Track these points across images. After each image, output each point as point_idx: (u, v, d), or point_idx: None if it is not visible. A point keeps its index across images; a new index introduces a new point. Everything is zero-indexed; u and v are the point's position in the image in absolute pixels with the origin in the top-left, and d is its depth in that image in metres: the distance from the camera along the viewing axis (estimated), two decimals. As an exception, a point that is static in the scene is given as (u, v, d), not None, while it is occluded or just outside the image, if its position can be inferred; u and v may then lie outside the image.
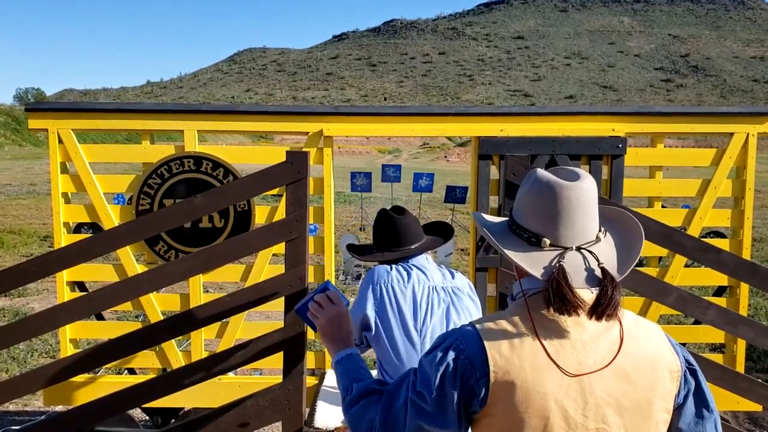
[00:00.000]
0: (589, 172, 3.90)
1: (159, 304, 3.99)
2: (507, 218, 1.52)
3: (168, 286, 3.18)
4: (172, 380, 3.05)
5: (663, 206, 4.20)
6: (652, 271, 3.93)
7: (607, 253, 1.42)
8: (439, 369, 1.35)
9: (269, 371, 4.54)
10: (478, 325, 1.39)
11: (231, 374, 4.01)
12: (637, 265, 4.67)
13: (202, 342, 4.05)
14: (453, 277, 2.55)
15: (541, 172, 1.43)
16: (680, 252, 3.47)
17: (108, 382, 4.00)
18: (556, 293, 1.31)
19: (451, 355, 1.35)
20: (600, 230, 1.43)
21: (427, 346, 2.28)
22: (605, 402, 1.33)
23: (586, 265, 1.37)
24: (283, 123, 3.98)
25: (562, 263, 1.35)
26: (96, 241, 3.06)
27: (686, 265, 4.04)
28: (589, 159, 3.90)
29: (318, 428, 2.88)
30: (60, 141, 3.88)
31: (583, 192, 1.39)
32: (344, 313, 1.85)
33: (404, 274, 2.48)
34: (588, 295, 1.35)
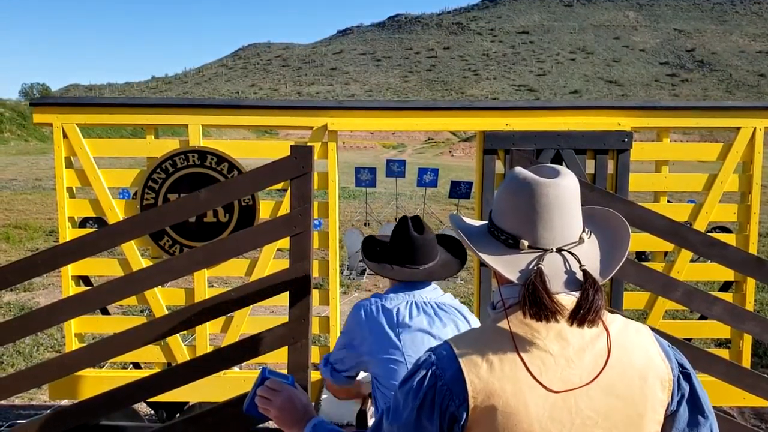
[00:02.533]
0: (595, 167, 3.89)
1: (164, 299, 3.99)
2: (487, 221, 1.42)
3: (173, 281, 3.18)
4: (177, 374, 3.06)
5: (668, 201, 4.19)
6: (657, 266, 3.91)
7: (589, 254, 1.33)
8: (416, 401, 1.28)
9: (274, 365, 4.55)
10: (454, 346, 1.29)
11: (236, 369, 4.02)
12: (642, 260, 4.67)
13: (207, 336, 4.05)
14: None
15: (520, 169, 1.35)
16: (686, 247, 3.46)
17: (113, 376, 4.02)
18: (531, 298, 1.23)
19: (428, 382, 1.27)
20: (584, 231, 1.35)
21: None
22: (593, 422, 1.26)
23: (566, 267, 1.29)
24: (288, 117, 3.97)
25: (540, 266, 1.27)
26: (102, 236, 3.07)
27: (692, 261, 4.03)
28: (595, 153, 3.88)
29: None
30: (65, 135, 3.88)
31: (563, 189, 1.31)
32: (292, 395, 1.78)
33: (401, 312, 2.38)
34: (568, 300, 1.26)
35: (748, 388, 3.08)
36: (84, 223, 4.46)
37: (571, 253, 1.30)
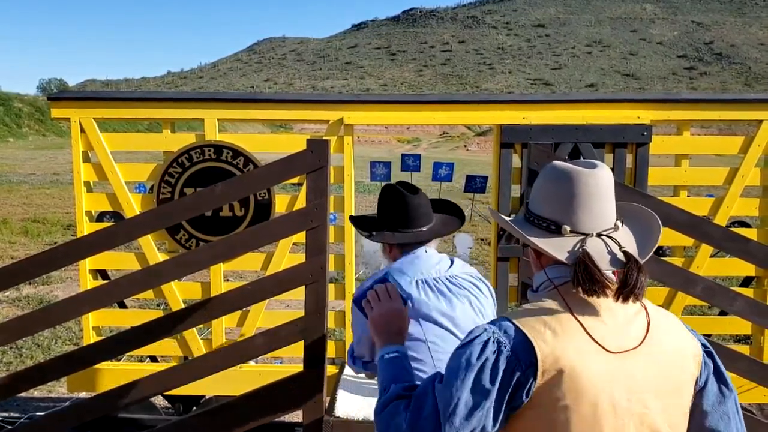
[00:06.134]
0: (614, 161, 3.84)
1: (180, 293, 4.01)
2: (522, 212, 1.54)
3: (189, 275, 3.19)
4: (193, 368, 3.07)
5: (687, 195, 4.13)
6: (677, 261, 3.86)
7: (625, 240, 1.44)
8: (480, 368, 1.31)
9: (289, 359, 4.56)
10: (512, 318, 1.36)
11: (252, 363, 4.02)
12: (661, 255, 4.60)
13: (224, 330, 4.06)
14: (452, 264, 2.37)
15: (559, 162, 1.48)
16: (707, 242, 3.41)
17: (130, 369, 4.04)
18: (584, 274, 1.34)
19: (491, 348, 1.32)
20: (618, 219, 1.47)
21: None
22: (645, 386, 1.34)
23: (608, 249, 1.40)
24: (304, 111, 3.96)
25: (584, 247, 1.38)
26: (120, 228, 3.08)
27: (712, 255, 3.97)
28: (614, 147, 3.83)
29: (339, 417, 2.87)
30: (82, 130, 3.90)
31: (601, 179, 1.43)
32: (399, 310, 1.77)
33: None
34: (613, 278, 1.39)
35: (770, 384, 3.04)
36: (101, 217, 4.49)
37: (610, 237, 1.42)
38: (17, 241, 12.55)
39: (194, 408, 4.30)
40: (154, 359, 4.41)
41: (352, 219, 2.64)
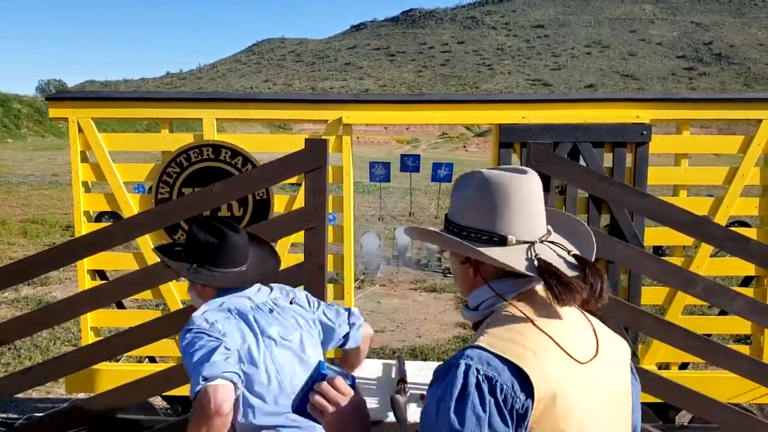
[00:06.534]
0: (613, 160, 3.84)
1: (178, 293, 3.99)
2: (443, 228, 1.42)
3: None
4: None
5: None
6: (677, 260, 3.85)
7: (565, 243, 1.39)
8: (487, 417, 1.16)
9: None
10: (487, 347, 1.22)
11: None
12: (661, 255, 4.57)
13: None
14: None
15: (488, 170, 1.37)
16: (708, 241, 3.41)
17: (129, 370, 4.02)
18: (557, 282, 1.25)
19: (485, 387, 1.17)
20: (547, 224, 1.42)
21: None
22: (608, 393, 1.31)
23: (557, 254, 1.33)
24: (303, 111, 3.95)
25: (539, 255, 1.30)
26: (119, 228, 3.08)
27: (711, 255, 3.97)
28: (613, 147, 3.82)
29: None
30: (80, 130, 3.88)
31: (535, 183, 1.36)
32: (360, 406, 1.34)
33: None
34: (582, 283, 1.30)
35: (770, 384, 3.03)
36: (100, 217, 4.47)
37: (553, 243, 1.36)
38: (16, 242, 12.54)
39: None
40: (152, 360, 4.39)
41: (157, 249, 2.38)
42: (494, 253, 1.31)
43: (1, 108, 60.56)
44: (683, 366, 4.29)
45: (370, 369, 3.58)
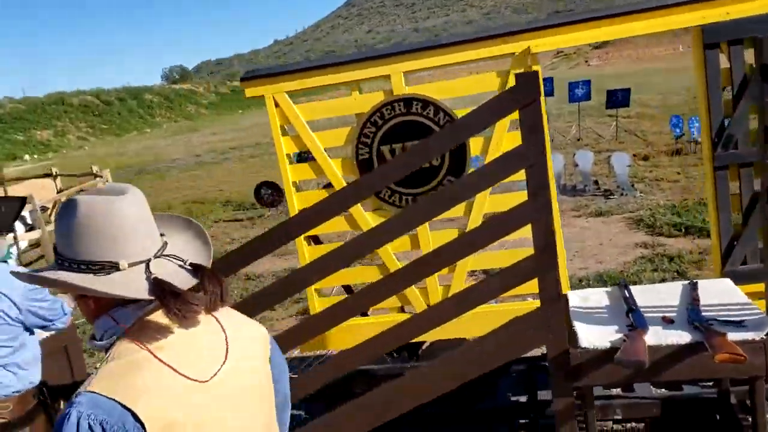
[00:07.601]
0: None
1: (390, 247, 4.08)
2: (55, 262, 1.39)
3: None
4: (433, 316, 3.16)
5: None
6: None
7: (181, 252, 1.41)
8: None
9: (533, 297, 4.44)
10: (91, 389, 1.24)
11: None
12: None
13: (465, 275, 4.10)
14: None
15: (82, 198, 1.32)
16: None
17: (353, 324, 4.21)
18: (175, 300, 1.28)
19: (97, 431, 1.20)
20: (162, 234, 1.42)
21: None
22: (241, 394, 1.39)
23: (173, 268, 1.36)
24: (487, 48, 3.85)
25: (154, 275, 1.31)
26: (336, 199, 3.19)
27: None
28: None
29: (585, 348, 2.86)
30: (276, 105, 4.04)
31: (138, 201, 1.36)
32: None
33: None
34: (201, 295, 1.35)
35: None
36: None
37: (168, 256, 1.38)
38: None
39: (415, 357, 4.45)
40: (364, 313, 4.54)
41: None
42: (108, 282, 1.29)
43: (135, 101, 65.03)
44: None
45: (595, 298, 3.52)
